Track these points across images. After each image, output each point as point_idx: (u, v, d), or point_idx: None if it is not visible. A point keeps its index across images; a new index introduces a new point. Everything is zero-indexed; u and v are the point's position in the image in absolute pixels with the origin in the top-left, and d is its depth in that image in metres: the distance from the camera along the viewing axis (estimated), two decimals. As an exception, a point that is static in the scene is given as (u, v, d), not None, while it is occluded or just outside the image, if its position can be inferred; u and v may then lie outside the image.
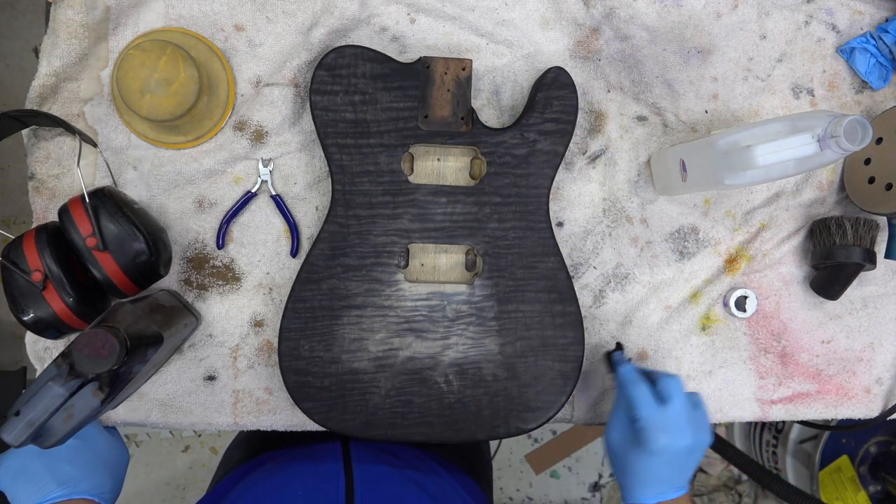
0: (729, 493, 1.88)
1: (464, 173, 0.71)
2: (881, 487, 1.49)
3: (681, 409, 0.60)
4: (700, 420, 0.62)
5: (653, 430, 0.59)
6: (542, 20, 0.74)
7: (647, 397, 0.61)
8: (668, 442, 0.59)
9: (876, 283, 0.79)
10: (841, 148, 0.53)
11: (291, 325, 0.66)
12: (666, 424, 0.60)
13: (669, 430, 0.59)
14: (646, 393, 0.62)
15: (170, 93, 0.64)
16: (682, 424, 0.60)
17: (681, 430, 0.60)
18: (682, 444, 0.59)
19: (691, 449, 0.60)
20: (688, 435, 0.60)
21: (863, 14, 0.78)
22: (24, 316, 0.60)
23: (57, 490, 0.60)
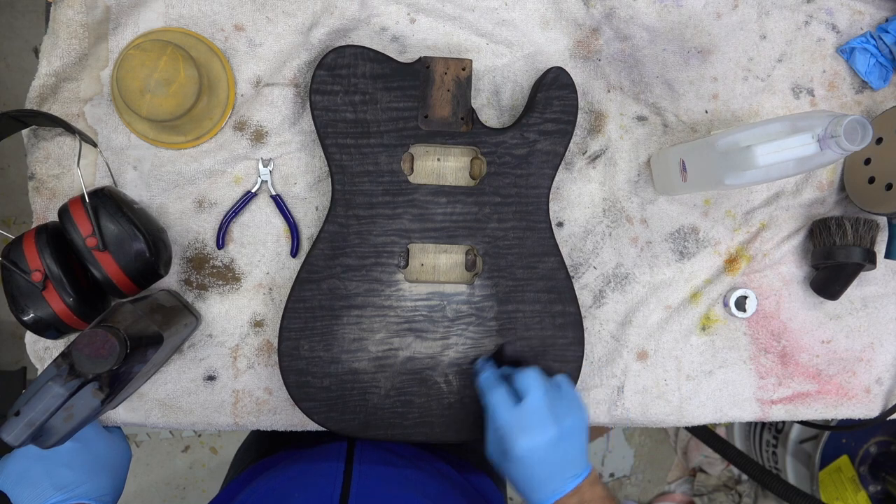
0: (729, 493, 1.88)
1: (464, 173, 0.71)
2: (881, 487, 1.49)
3: (537, 404, 0.58)
4: (565, 405, 0.60)
5: (511, 435, 0.58)
6: (542, 20, 0.74)
7: (502, 401, 0.59)
8: (528, 443, 0.57)
9: (876, 283, 0.79)
10: (841, 148, 0.53)
11: (291, 325, 0.66)
12: (523, 424, 0.58)
13: (527, 429, 0.57)
14: (501, 396, 0.60)
15: (170, 93, 0.64)
16: (539, 419, 0.58)
17: (540, 426, 0.57)
18: (546, 438, 0.57)
19: (561, 437, 0.58)
20: (549, 427, 0.57)
21: (863, 14, 0.78)
22: (24, 316, 0.60)
23: (55, 495, 0.60)
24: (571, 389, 0.62)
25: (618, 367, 0.75)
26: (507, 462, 0.59)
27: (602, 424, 0.77)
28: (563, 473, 0.59)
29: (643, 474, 1.91)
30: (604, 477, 1.90)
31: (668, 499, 1.90)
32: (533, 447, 0.57)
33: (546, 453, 0.58)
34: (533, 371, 0.61)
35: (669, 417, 0.77)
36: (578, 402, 0.62)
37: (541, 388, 0.59)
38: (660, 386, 0.76)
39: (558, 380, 0.63)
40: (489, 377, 0.63)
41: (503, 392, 0.60)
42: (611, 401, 0.76)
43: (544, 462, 0.58)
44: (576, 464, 0.59)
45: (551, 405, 0.59)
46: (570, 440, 0.59)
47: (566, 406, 0.60)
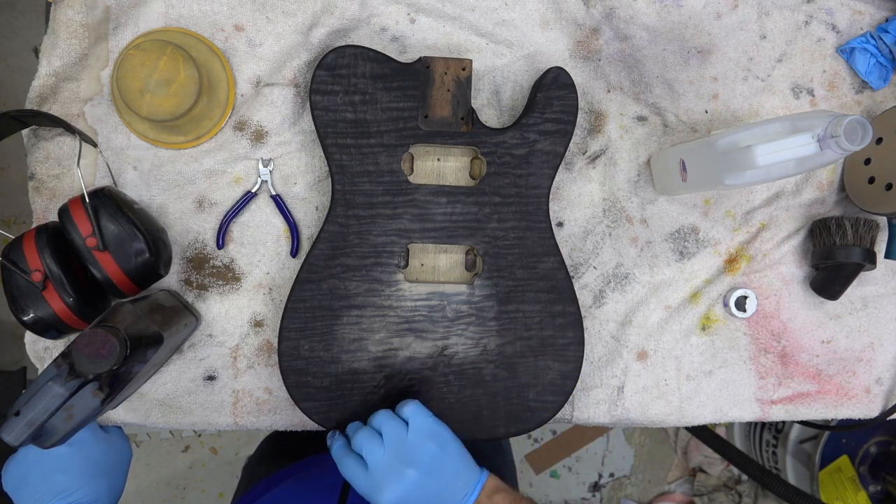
0: (729, 493, 1.88)
1: (464, 173, 0.71)
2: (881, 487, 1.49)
3: (379, 460, 0.58)
4: (415, 442, 0.58)
5: (373, 497, 0.57)
6: (542, 20, 0.74)
7: (354, 469, 0.59)
8: (391, 496, 0.56)
9: (876, 283, 0.79)
10: (841, 148, 0.53)
11: (291, 325, 0.66)
12: (377, 483, 0.57)
13: (383, 486, 0.57)
14: (352, 465, 0.59)
15: (170, 93, 0.64)
16: (389, 470, 0.57)
17: (394, 476, 0.57)
18: (406, 483, 0.57)
19: (425, 473, 0.57)
20: (404, 472, 0.57)
21: (863, 14, 0.78)
22: (24, 316, 0.60)
23: (52, 500, 0.60)
24: (419, 420, 0.60)
25: (618, 367, 0.76)
26: None
27: (602, 424, 0.77)
28: (452, 499, 0.58)
29: (643, 474, 1.91)
30: (603, 477, 1.90)
31: (668, 499, 1.90)
32: (399, 497, 0.57)
33: (416, 496, 0.57)
34: (361, 433, 0.60)
35: (669, 417, 0.77)
36: (432, 430, 0.60)
37: (375, 445, 0.58)
38: (660, 386, 0.76)
39: (405, 414, 0.60)
40: (337, 451, 0.61)
41: (352, 462, 0.59)
42: (611, 401, 0.76)
43: (423, 501, 0.57)
44: (460, 484, 0.59)
45: (397, 452, 0.58)
46: (438, 470, 0.58)
47: (415, 443, 0.59)
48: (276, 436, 0.94)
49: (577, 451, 1.88)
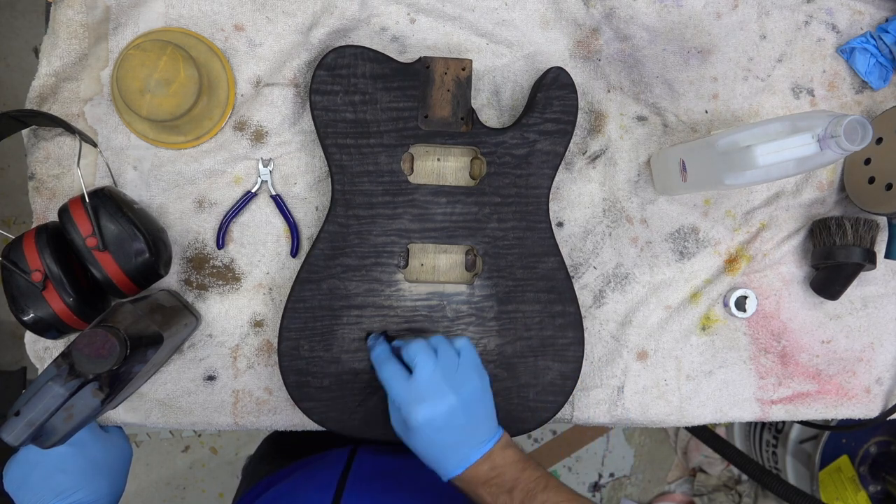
0: (729, 493, 1.88)
1: (464, 173, 0.71)
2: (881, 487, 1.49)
3: (429, 374, 0.57)
4: (462, 372, 0.59)
5: (407, 407, 0.57)
6: (542, 20, 0.74)
7: (395, 374, 0.58)
8: (427, 413, 0.56)
9: (876, 283, 0.79)
10: (841, 148, 0.53)
11: (291, 325, 0.66)
12: (418, 395, 0.57)
13: (423, 399, 0.56)
14: (394, 370, 0.59)
15: (170, 93, 0.64)
16: (436, 388, 0.57)
17: (437, 394, 0.57)
18: (443, 407, 0.56)
19: (461, 404, 0.57)
20: (447, 395, 0.57)
21: (863, 14, 0.78)
22: (24, 316, 0.60)
23: (53, 500, 0.60)
24: (471, 355, 0.61)
25: (618, 367, 0.75)
26: (409, 434, 0.58)
27: (602, 424, 0.77)
28: (470, 440, 0.58)
29: (643, 474, 1.91)
30: (603, 477, 1.90)
31: (668, 499, 1.90)
32: (431, 417, 0.56)
33: (446, 422, 0.57)
34: (418, 343, 0.59)
35: (669, 417, 0.77)
36: (478, 368, 0.61)
37: (429, 358, 0.58)
38: (660, 386, 0.76)
39: (458, 345, 0.61)
40: (380, 353, 0.61)
41: (394, 366, 0.59)
42: (611, 401, 0.76)
43: (446, 431, 0.57)
44: (482, 430, 0.59)
45: (446, 374, 0.58)
46: (472, 407, 0.58)
47: (464, 373, 0.59)
48: (276, 435, 0.94)
49: (577, 451, 1.88)
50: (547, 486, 0.57)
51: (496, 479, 0.57)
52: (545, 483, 0.57)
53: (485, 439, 0.58)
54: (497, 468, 0.58)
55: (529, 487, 0.57)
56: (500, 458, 0.58)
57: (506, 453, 0.59)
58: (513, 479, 0.57)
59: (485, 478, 0.57)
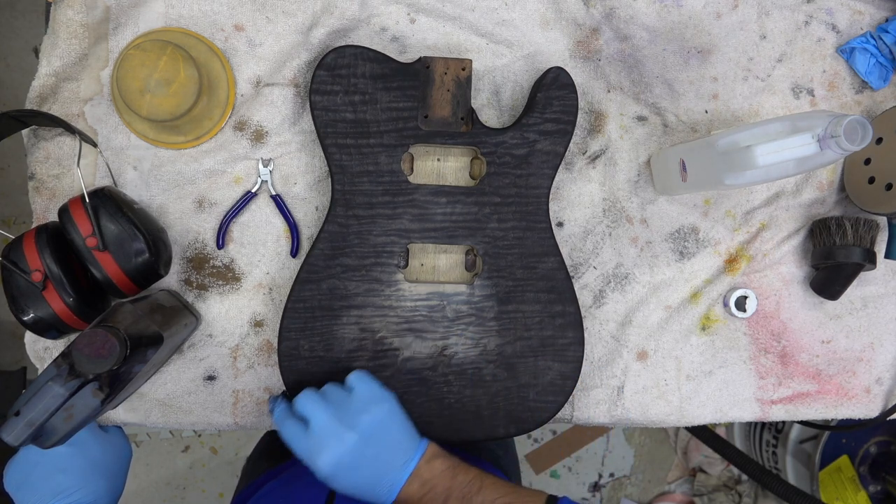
0: (729, 493, 1.88)
1: (464, 173, 0.71)
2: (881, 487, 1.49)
3: (322, 421, 0.57)
4: (357, 406, 0.58)
5: (312, 460, 0.57)
6: (542, 20, 0.74)
7: (294, 432, 0.59)
8: (330, 459, 0.56)
9: (876, 283, 0.79)
10: (841, 148, 0.53)
11: (291, 325, 0.66)
12: (318, 445, 0.57)
13: (323, 447, 0.57)
14: (291, 428, 0.59)
15: (170, 93, 0.64)
16: (330, 433, 0.57)
17: (333, 438, 0.57)
18: (346, 446, 0.57)
19: (365, 437, 0.57)
20: (344, 435, 0.57)
21: (863, 14, 0.78)
22: (24, 316, 0.60)
23: (52, 500, 0.61)
24: (366, 386, 0.60)
25: (618, 367, 0.75)
26: (329, 482, 0.58)
27: (602, 424, 0.77)
28: (391, 466, 0.58)
29: (643, 474, 1.91)
30: (603, 477, 1.90)
31: (668, 499, 1.90)
32: (337, 461, 0.56)
33: (356, 460, 0.57)
34: (305, 394, 0.60)
35: (669, 417, 0.77)
36: (375, 395, 0.60)
37: (317, 406, 0.58)
38: (660, 386, 0.76)
39: (349, 382, 0.61)
40: (278, 415, 0.61)
41: (292, 424, 0.59)
42: (611, 401, 0.76)
43: (360, 467, 0.57)
44: (400, 451, 0.58)
45: (338, 415, 0.58)
46: (379, 435, 0.58)
47: (358, 407, 0.59)
48: (274, 433, 0.94)
49: (577, 451, 1.88)
50: (482, 487, 0.57)
51: (429, 493, 0.57)
52: (479, 484, 0.57)
53: (406, 459, 0.58)
54: (427, 483, 0.58)
55: (464, 493, 0.57)
56: (427, 472, 0.58)
57: (433, 465, 0.58)
58: (446, 490, 0.57)
59: (419, 496, 0.57)
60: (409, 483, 0.57)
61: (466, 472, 0.58)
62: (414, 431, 0.61)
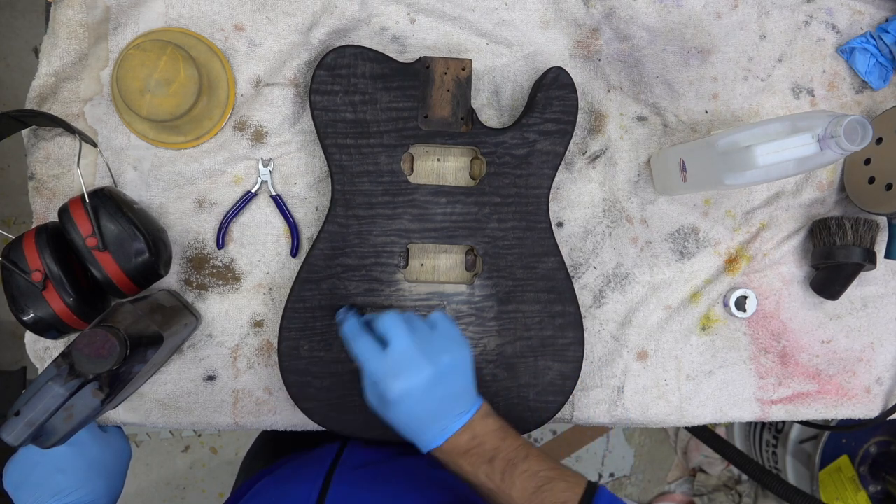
0: (729, 493, 1.88)
1: (464, 173, 0.71)
2: (881, 487, 1.49)
3: (404, 345, 0.56)
4: (439, 343, 0.58)
5: (384, 381, 0.56)
6: (542, 20, 0.74)
7: (369, 349, 0.57)
8: (404, 385, 0.55)
9: (876, 283, 0.79)
10: (841, 148, 0.53)
11: (291, 325, 0.66)
12: (393, 368, 0.56)
13: (399, 372, 0.56)
14: (366, 344, 0.58)
15: (170, 93, 0.64)
16: (411, 360, 0.56)
17: (412, 366, 0.56)
18: (421, 378, 0.56)
19: (439, 375, 0.56)
20: (423, 367, 0.56)
21: (863, 14, 0.78)
22: (24, 316, 0.60)
23: (51, 500, 0.61)
24: (448, 327, 0.60)
25: (618, 367, 0.75)
26: (388, 408, 0.57)
27: (602, 424, 0.77)
28: (450, 411, 0.57)
29: (643, 474, 1.91)
30: (603, 477, 1.90)
31: (668, 499, 1.90)
32: (408, 389, 0.56)
33: (425, 393, 0.56)
34: (391, 315, 0.58)
35: (669, 417, 0.77)
36: (457, 339, 0.60)
37: (402, 330, 0.57)
38: (660, 386, 0.76)
39: (433, 318, 0.60)
40: (351, 327, 0.60)
41: (367, 340, 0.58)
42: (611, 401, 0.76)
43: (425, 402, 0.56)
44: (462, 400, 0.58)
45: (421, 345, 0.57)
46: (451, 377, 0.57)
47: (441, 344, 0.58)
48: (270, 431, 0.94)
49: (577, 451, 1.88)
50: (528, 456, 0.56)
51: (476, 448, 0.57)
52: (526, 452, 0.57)
53: (464, 410, 0.58)
54: (477, 437, 0.57)
55: (510, 457, 0.56)
56: (480, 427, 0.57)
57: (486, 422, 0.58)
58: (493, 449, 0.57)
59: (465, 448, 0.57)
60: (461, 433, 0.57)
61: (516, 438, 0.58)
62: (475, 386, 0.60)
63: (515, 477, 0.55)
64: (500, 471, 0.55)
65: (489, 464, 0.56)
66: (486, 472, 0.56)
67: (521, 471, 0.55)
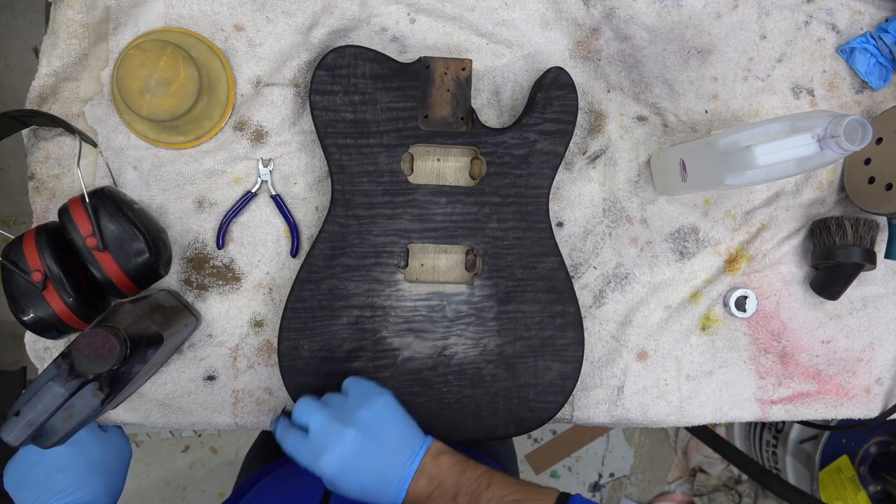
0: (729, 493, 1.88)
1: (464, 173, 0.71)
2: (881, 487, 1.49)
3: (319, 422, 0.57)
4: (354, 400, 0.59)
5: (316, 463, 0.57)
6: (542, 20, 0.74)
7: (295, 441, 0.58)
8: (332, 458, 0.56)
9: (876, 283, 0.79)
10: (841, 148, 0.53)
11: (291, 325, 0.66)
12: (317, 447, 0.57)
13: (324, 448, 0.56)
14: (293, 439, 0.59)
15: (170, 93, 0.64)
16: (330, 431, 0.57)
17: (333, 436, 0.56)
18: (346, 442, 0.56)
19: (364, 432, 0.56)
20: (343, 432, 0.56)
21: (863, 14, 0.78)
22: (24, 316, 0.60)
23: (50, 500, 0.61)
24: (357, 387, 0.60)
25: (618, 367, 0.76)
26: (338, 486, 0.57)
27: (602, 424, 0.77)
28: (395, 463, 0.57)
29: (643, 474, 1.91)
30: (603, 477, 1.90)
31: (668, 499, 1.90)
32: (339, 459, 0.56)
33: (359, 456, 0.56)
34: (300, 401, 0.60)
35: (669, 417, 0.77)
36: (371, 391, 0.60)
37: (314, 409, 0.58)
38: (660, 386, 0.76)
39: (344, 385, 0.61)
40: (280, 430, 0.61)
41: (293, 435, 0.59)
42: (611, 401, 0.76)
43: (364, 465, 0.56)
44: (403, 447, 0.58)
45: (336, 415, 0.58)
46: (378, 428, 0.57)
47: (354, 403, 0.58)
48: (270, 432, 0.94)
49: (577, 451, 1.88)
50: (491, 484, 0.56)
51: (437, 490, 0.56)
52: (488, 481, 0.56)
53: (410, 454, 0.57)
54: (435, 479, 0.57)
55: (472, 489, 0.56)
56: (434, 468, 0.57)
57: (439, 461, 0.58)
58: (454, 485, 0.56)
59: (426, 492, 0.56)
60: (417, 479, 0.56)
61: (475, 469, 0.57)
62: (416, 428, 0.60)
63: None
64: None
65: (453, 501, 0.56)
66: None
67: (486, 500, 0.55)
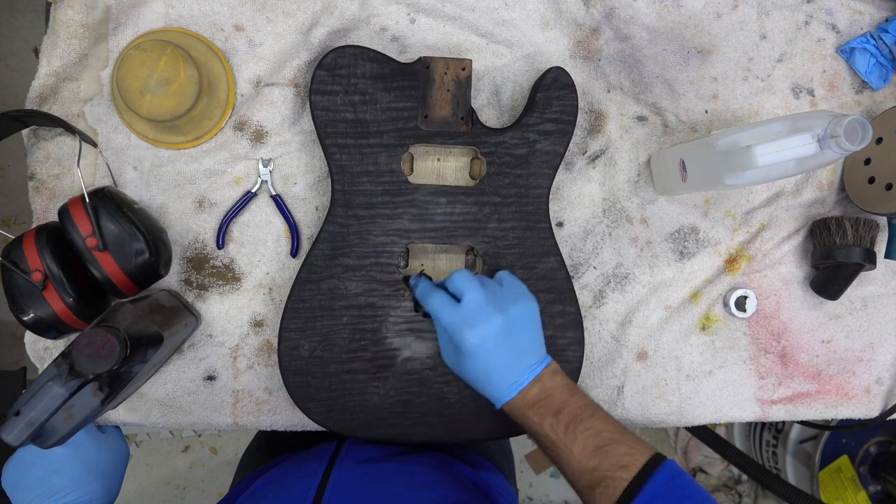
0: (729, 493, 1.88)
1: (464, 173, 0.71)
2: (881, 487, 1.49)
3: (476, 297, 0.59)
4: (507, 295, 0.61)
5: (459, 331, 0.59)
6: (542, 20, 0.74)
7: (443, 303, 0.60)
8: (477, 334, 0.58)
9: (876, 283, 0.79)
10: (841, 148, 0.53)
11: (291, 325, 0.66)
12: (467, 319, 0.59)
13: (472, 322, 0.58)
14: (441, 299, 0.61)
15: (170, 93, 0.64)
16: (483, 310, 0.59)
17: (485, 316, 0.58)
18: (493, 327, 0.58)
19: (509, 325, 0.59)
20: (494, 316, 0.58)
21: (863, 14, 0.78)
22: (24, 316, 0.60)
23: (47, 501, 0.61)
24: (515, 281, 0.63)
25: (618, 367, 0.76)
26: (462, 360, 0.60)
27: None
28: (521, 364, 0.59)
29: (643, 474, 1.91)
30: (604, 477, 1.90)
31: (668, 499, 1.90)
32: (482, 338, 0.58)
33: (497, 343, 0.58)
34: (461, 273, 0.62)
35: (669, 417, 0.77)
36: (524, 292, 0.62)
37: (474, 284, 0.60)
38: (660, 386, 0.76)
39: (500, 276, 0.64)
40: (425, 287, 0.63)
41: (442, 295, 0.61)
42: (611, 401, 0.76)
43: (497, 352, 0.59)
44: (532, 353, 0.60)
45: (492, 297, 0.60)
46: (521, 328, 0.60)
47: (509, 296, 0.61)
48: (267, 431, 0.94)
49: (577, 451, 1.88)
50: (594, 415, 0.58)
51: (544, 401, 0.58)
52: (592, 411, 0.58)
53: (534, 363, 0.60)
54: (546, 391, 0.59)
55: (576, 412, 0.57)
56: (549, 381, 0.59)
57: (555, 378, 0.60)
58: (560, 402, 0.58)
59: (534, 400, 0.59)
60: (531, 386, 0.59)
61: (583, 397, 0.60)
62: (544, 343, 0.63)
63: (578, 432, 0.56)
64: (564, 424, 0.57)
65: (555, 416, 0.57)
66: (551, 423, 0.57)
67: (585, 427, 0.56)
